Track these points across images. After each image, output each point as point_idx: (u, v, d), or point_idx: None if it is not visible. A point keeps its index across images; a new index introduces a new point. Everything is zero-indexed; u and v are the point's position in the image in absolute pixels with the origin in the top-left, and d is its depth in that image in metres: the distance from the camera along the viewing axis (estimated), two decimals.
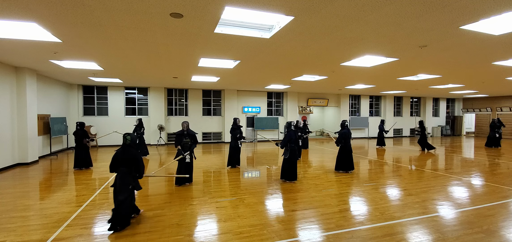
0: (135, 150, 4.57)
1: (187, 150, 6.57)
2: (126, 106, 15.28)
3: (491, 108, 21.11)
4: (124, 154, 4.44)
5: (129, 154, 4.45)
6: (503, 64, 8.09)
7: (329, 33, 5.28)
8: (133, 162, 4.44)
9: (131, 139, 4.55)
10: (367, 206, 5.35)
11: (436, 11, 4.13)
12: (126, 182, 4.37)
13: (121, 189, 4.33)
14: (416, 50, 6.51)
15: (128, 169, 4.43)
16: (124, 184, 4.35)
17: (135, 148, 4.62)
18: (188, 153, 6.58)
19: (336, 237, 4.04)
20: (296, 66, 8.82)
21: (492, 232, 4.21)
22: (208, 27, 4.96)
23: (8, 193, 6.17)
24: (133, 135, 4.64)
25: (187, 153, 6.55)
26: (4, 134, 8.76)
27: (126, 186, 4.36)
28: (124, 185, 4.35)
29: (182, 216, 4.82)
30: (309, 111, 19.09)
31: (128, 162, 4.42)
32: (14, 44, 6.39)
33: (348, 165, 8.21)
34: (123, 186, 4.34)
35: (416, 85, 13.63)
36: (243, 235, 4.10)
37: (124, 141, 4.54)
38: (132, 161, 4.43)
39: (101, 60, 8.01)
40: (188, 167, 6.64)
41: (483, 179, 7.62)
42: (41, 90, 10.92)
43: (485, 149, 14.09)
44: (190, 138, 6.87)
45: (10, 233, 4.13)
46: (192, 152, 6.71)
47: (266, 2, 3.87)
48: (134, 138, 4.62)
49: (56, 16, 4.47)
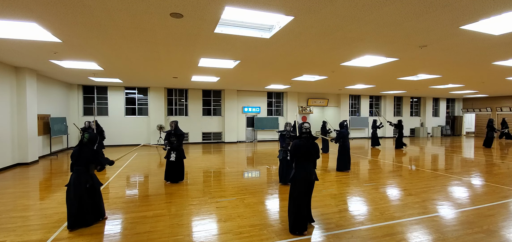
0: (91, 148, 4.46)
1: (173, 149, 6.76)
2: (126, 106, 15.28)
3: (491, 108, 21.11)
4: (80, 153, 4.35)
5: (86, 152, 4.37)
6: (503, 64, 8.09)
7: (329, 33, 5.28)
8: (90, 159, 4.39)
9: (89, 136, 4.46)
10: (367, 206, 5.35)
11: (436, 11, 4.13)
12: (80, 181, 4.26)
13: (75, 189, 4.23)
14: (416, 50, 6.51)
15: (85, 167, 4.34)
16: (79, 183, 4.25)
17: (92, 146, 4.50)
18: (174, 152, 6.76)
19: (336, 237, 4.04)
20: (296, 66, 8.82)
21: (492, 232, 4.20)
22: (208, 27, 4.96)
23: (8, 193, 6.16)
24: (92, 133, 4.54)
25: (173, 152, 6.75)
26: (4, 134, 8.76)
27: (82, 185, 4.27)
28: (79, 184, 4.24)
29: (182, 216, 4.82)
30: (309, 111, 19.09)
31: (85, 160, 4.34)
32: (14, 44, 6.39)
33: (346, 165, 8.24)
34: (77, 186, 4.24)
35: (416, 85, 13.63)
36: (243, 235, 4.10)
37: (81, 139, 4.49)
38: (89, 159, 4.38)
39: (101, 60, 8.01)
40: (174, 165, 6.83)
41: (483, 179, 7.61)
42: (41, 90, 10.92)
43: (483, 149, 14.10)
44: (176, 138, 6.85)
45: (10, 233, 4.13)
46: (179, 151, 6.83)
47: (266, 2, 3.87)
48: (93, 137, 4.52)
49: (56, 16, 4.47)
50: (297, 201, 4.09)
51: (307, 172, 4.14)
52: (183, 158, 6.95)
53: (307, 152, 4.16)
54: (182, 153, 6.93)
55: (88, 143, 4.44)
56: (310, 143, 4.22)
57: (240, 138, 17.31)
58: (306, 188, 4.15)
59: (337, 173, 8.19)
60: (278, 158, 6.93)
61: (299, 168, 4.18)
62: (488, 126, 14.87)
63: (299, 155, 4.17)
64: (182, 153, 6.93)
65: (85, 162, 4.34)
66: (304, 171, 4.14)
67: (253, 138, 17.64)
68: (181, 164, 6.94)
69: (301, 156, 4.16)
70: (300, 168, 4.17)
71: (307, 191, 4.18)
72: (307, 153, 4.16)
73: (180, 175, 6.97)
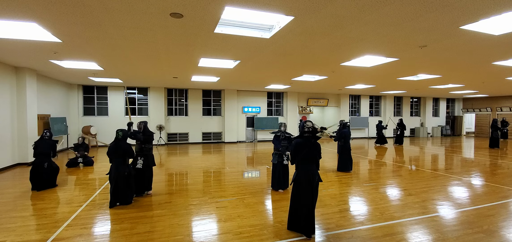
0: (126, 143, 5.36)
1: (138, 153, 5.82)
2: (126, 106, 15.28)
3: (491, 108, 21.11)
4: (117, 148, 5.27)
5: (122, 146, 5.29)
6: (503, 64, 8.09)
7: (329, 33, 5.28)
8: (126, 153, 5.31)
9: (122, 133, 5.32)
10: (367, 206, 5.35)
11: (436, 11, 4.13)
12: (119, 170, 5.21)
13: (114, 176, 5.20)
14: (416, 50, 6.51)
15: (122, 159, 5.28)
16: (118, 172, 5.20)
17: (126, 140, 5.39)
18: (141, 158, 5.79)
19: (336, 237, 4.04)
20: (296, 66, 8.82)
21: (492, 232, 4.20)
22: (208, 27, 4.96)
23: (8, 193, 6.17)
24: (125, 130, 5.43)
25: (140, 158, 5.78)
26: (4, 133, 8.76)
27: (120, 174, 5.21)
28: (117, 173, 5.20)
29: (182, 216, 4.82)
30: (309, 111, 19.09)
31: (122, 153, 5.28)
32: (14, 44, 6.39)
33: (347, 165, 8.25)
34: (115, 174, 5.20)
35: (416, 85, 13.63)
36: (243, 235, 4.10)
37: (116, 136, 5.31)
38: (126, 152, 5.31)
39: (101, 60, 8.01)
40: (141, 173, 5.77)
41: (483, 179, 7.61)
42: (41, 90, 10.92)
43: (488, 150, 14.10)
44: (145, 139, 5.86)
45: (10, 233, 4.13)
46: (147, 156, 5.84)
47: (266, 2, 3.87)
48: (125, 133, 5.41)
49: (56, 16, 4.47)
50: (298, 201, 4.01)
51: (310, 173, 3.95)
52: (152, 165, 5.94)
53: (309, 152, 3.97)
54: (151, 159, 5.93)
55: (123, 139, 5.31)
56: (312, 143, 4.04)
57: (240, 138, 17.31)
58: (309, 191, 3.94)
59: (337, 173, 8.19)
60: (272, 162, 6.29)
61: (301, 170, 4.00)
62: (492, 126, 14.87)
63: (301, 155, 3.99)
64: (151, 159, 5.93)
65: (122, 154, 5.25)
66: (306, 173, 3.95)
67: (253, 138, 17.64)
68: (150, 172, 5.91)
69: (303, 156, 3.98)
70: (302, 169, 3.99)
71: (311, 194, 3.94)
72: (309, 153, 3.98)
73: (148, 185, 5.90)
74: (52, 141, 6.63)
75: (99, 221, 4.60)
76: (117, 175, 5.16)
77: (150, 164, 5.89)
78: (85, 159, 9.15)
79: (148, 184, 5.93)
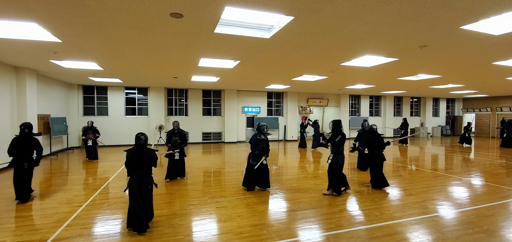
0: (149, 150, 4.34)
1: (177, 147, 6.98)
2: (126, 106, 15.28)
3: (491, 108, 21.10)
4: (140, 155, 4.21)
5: (146, 156, 4.24)
6: (503, 64, 8.09)
7: (329, 33, 5.28)
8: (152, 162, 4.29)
9: (145, 139, 4.33)
10: (367, 206, 5.35)
11: (436, 11, 4.13)
12: (141, 184, 4.16)
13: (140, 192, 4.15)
14: (416, 50, 6.51)
15: (146, 170, 4.24)
16: (141, 187, 4.15)
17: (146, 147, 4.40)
18: (178, 150, 6.98)
19: (336, 237, 4.04)
20: (296, 66, 8.82)
21: (492, 232, 4.21)
22: (208, 27, 4.96)
23: (8, 192, 6.17)
24: (146, 134, 4.42)
25: (176, 151, 6.96)
26: (4, 134, 8.76)
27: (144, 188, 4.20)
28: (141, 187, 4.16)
29: (182, 216, 4.82)
30: (309, 111, 19.09)
31: (146, 164, 4.25)
32: (14, 44, 6.39)
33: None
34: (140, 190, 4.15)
35: (416, 85, 13.63)
36: (243, 235, 4.10)
37: (137, 141, 4.29)
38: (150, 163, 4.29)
39: (101, 60, 8.01)
40: (177, 163, 7.14)
41: (483, 179, 7.61)
42: (41, 90, 10.91)
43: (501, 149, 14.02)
44: (179, 137, 7.17)
45: (10, 233, 4.13)
46: (181, 150, 7.12)
47: (266, 2, 3.87)
48: (147, 137, 4.43)
49: (56, 16, 4.47)
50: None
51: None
52: (184, 156, 7.45)
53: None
54: (183, 152, 7.33)
55: (145, 144, 4.32)
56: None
57: (240, 138, 17.31)
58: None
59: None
60: (252, 162, 6.21)
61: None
62: (507, 127, 14.83)
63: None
64: (183, 152, 7.33)
65: (147, 164, 4.22)
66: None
67: None
68: (183, 162, 7.39)
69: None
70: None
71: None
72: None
73: (182, 172, 7.38)
74: (33, 138, 5.52)
75: (99, 221, 4.60)
76: (141, 188, 4.15)
77: (183, 155, 7.35)
78: (95, 141, 10.21)
79: (183, 171, 7.39)
